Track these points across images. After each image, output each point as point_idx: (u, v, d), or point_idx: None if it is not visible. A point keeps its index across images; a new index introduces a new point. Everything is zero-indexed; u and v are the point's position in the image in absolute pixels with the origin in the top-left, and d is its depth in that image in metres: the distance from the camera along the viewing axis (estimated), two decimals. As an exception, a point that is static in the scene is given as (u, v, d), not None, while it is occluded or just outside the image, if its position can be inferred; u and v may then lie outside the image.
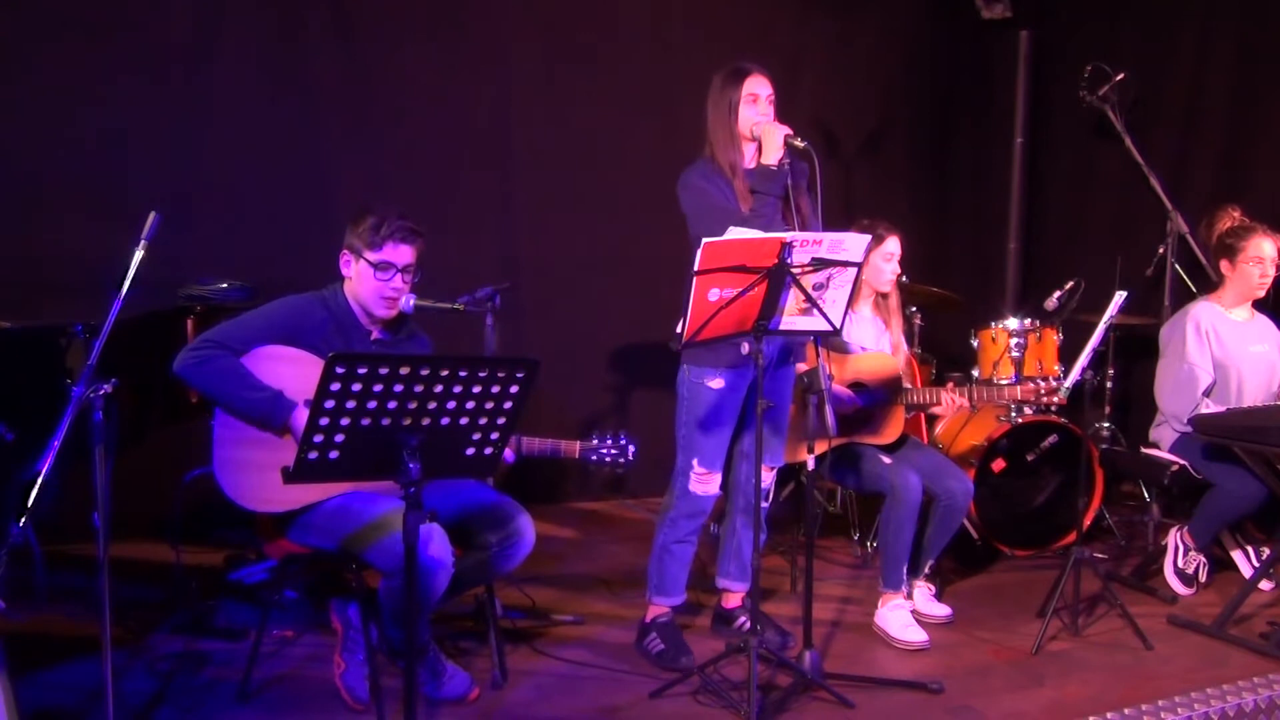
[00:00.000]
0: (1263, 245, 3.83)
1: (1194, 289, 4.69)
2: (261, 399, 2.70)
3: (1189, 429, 3.76)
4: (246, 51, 4.45)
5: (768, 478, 3.37)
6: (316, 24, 4.58)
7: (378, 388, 2.03)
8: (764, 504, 3.35)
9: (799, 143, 3.06)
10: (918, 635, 3.43)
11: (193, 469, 3.31)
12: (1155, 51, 5.35)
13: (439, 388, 2.08)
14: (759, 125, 3.12)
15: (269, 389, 2.71)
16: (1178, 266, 4.87)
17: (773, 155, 3.09)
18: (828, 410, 2.98)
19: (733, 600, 3.52)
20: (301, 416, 2.68)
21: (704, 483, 3.24)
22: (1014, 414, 4.23)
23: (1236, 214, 3.96)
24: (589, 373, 5.10)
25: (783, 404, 3.34)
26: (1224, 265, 3.92)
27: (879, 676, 3.17)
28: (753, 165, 3.16)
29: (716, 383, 3.19)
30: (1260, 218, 3.94)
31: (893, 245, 3.68)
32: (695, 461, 3.22)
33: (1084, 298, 3.83)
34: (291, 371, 2.76)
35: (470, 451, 2.23)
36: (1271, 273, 3.86)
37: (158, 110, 4.30)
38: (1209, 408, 3.77)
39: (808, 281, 2.82)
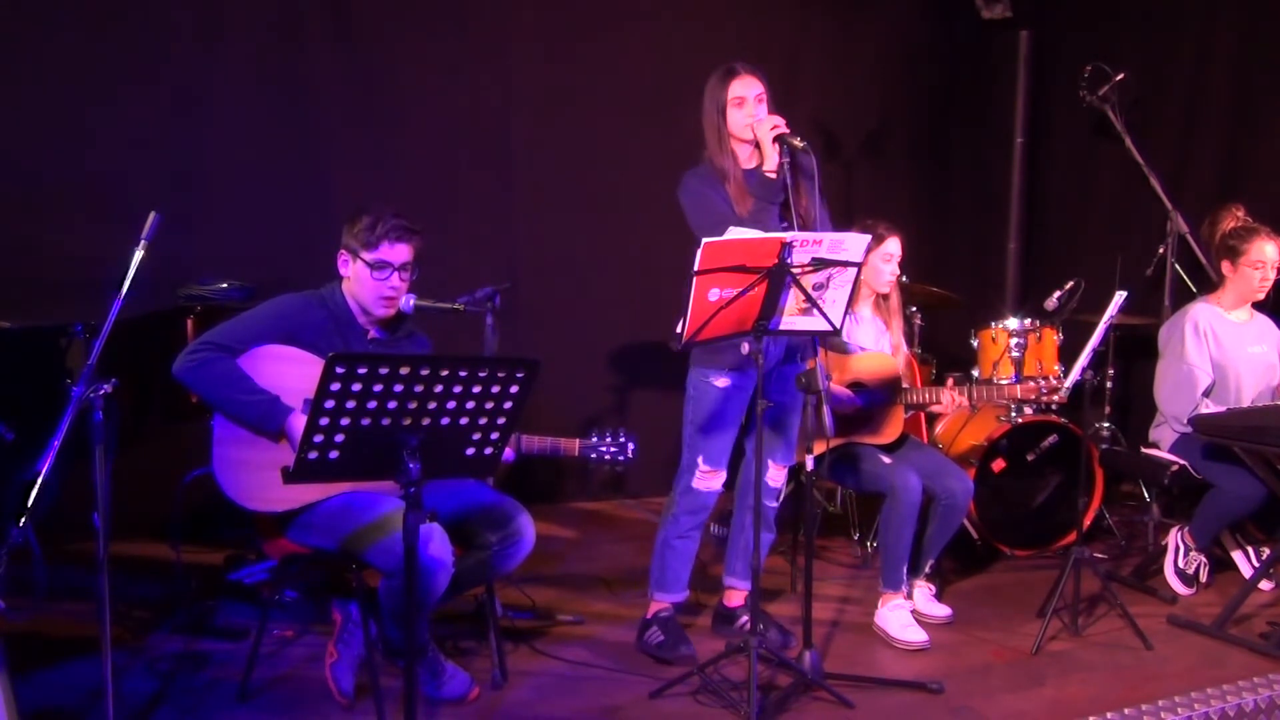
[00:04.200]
0: (1265, 248, 3.82)
1: (1194, 289, 4.69)
2: (257, 403, 2.69)
3: (1189, 429, 3.76)
4: (246, 52, 4.45)
5: (780, 476, 3.38)
6: (316, 24, 4.58)
7: (378, 388, 2.03)
8: (775, 504, 3.36)
9: (796, 141, 3.03)
10: (918, 635, 3.43)
11: (193, 469, 3.31)
12: (1155, 51, 5.35)
13: (439, 388, 2.08)
14: (754, 126, 3.10)
15: (265, 393, 2.70)
16: (1178, 266, 4.86)
17: (770, 160, 3.07)
18: (825, 410, 2.97)
19: (735, 599, 3.52)
20: (297, 422, 2.68)
21: (708, 480, 3.24)
22: (1014, 414, 4.23)
23: (1240, 213, 3.95)
24: (589, 373, 5.10)
25: (791, 403, 3.32)
26: (1225, 266, 3.92)
27: (879, 676, 3.17)
28: (751, 166, 3.15)
29: (722, 381, 3.19)
30: (1260, 218, 3.94)
31: (893, 246, 3.67)
32: (700, 459, 3.23)
33: (1084, 298, 3.83)
34: (291, 371, 2.75)
35: (470, 451, 2.22)
36: (1272, 276, 3.85)
37: (158, 110, 4.30)
38: (1208, 408, 3.77)
39: (808, 281, 2.82)
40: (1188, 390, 3.81)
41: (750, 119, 3.11)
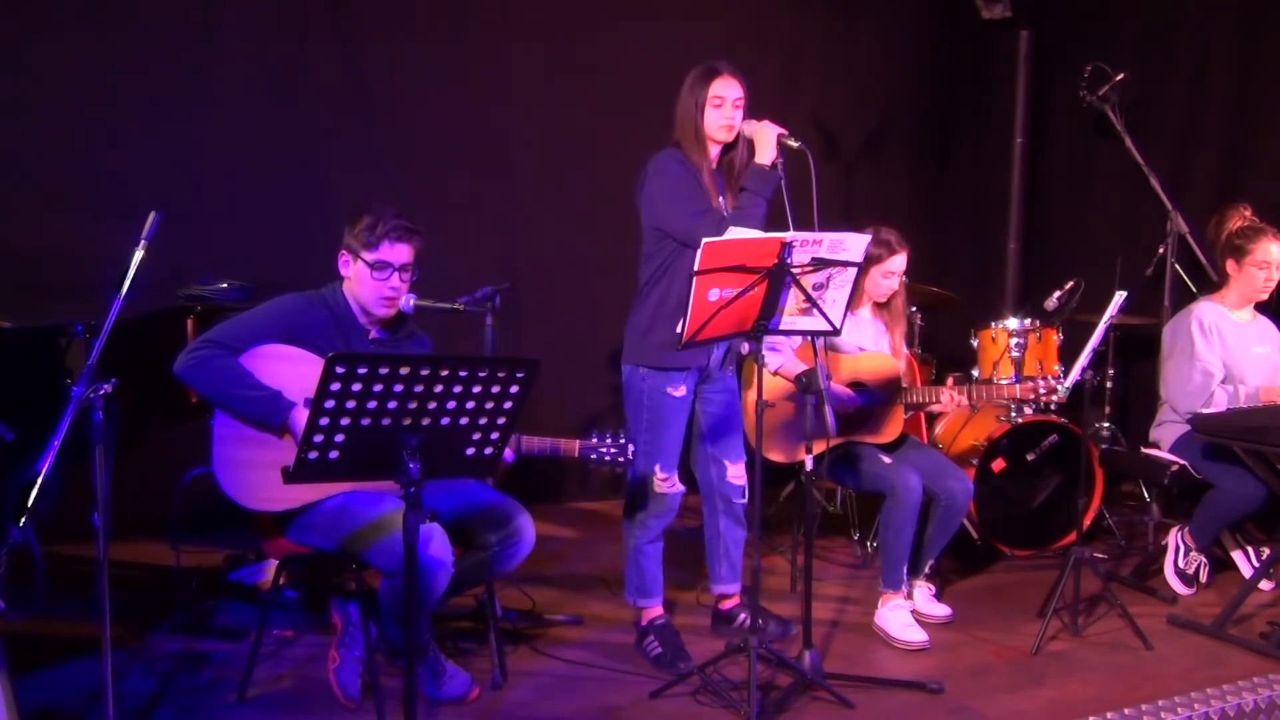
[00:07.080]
0: (1271, 249, 3.82)
1: (1194, 289, 4.69)
2: (260, 398, 2.70)
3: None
4: (246, 51, 4.45)
5: (742, 474, 3.39)
6: (316, 24, 4.58)
7: (378, 388, 2.03)
8: (742, 500, 3.37)
9: (793, 143, 3.04)
10: (918, 635, 3.43)
11: (193, 469, 3.31)
12: (1155, 51, 5.34)
13: (439, 388, 2.08)
14: (751, 126, 3.11)
15: (267, 389, 2.71)
16: (1178, 266, 4.86)
17: (766, 155, 3.07)
18: (827, 410, 2.97)
19: (730, 601, 3.52)
20: (300, 416, 2.68)
21: (668, 484, 3.25)
22: (1014, 414, 4.22)
23: (1247, 213, 3.94)
24: (589, 373, 5.10)
25: (733, 400, 3.38)
26: (1230, 265, 3.92)
27: (879, 676, 3.17)
28: (716, 167, 3.17)
29: (680, 391, 3.20)
30: (1260, 217, 3.94)
31: (895, 264, 3.59)
32: (658, 467, 3.23)
33: (1084, 298, 3.82)
34: (292, 371, 2.75)
35: (470, 451, 2.22)
36: (1277, 276, 3.85)
37: (158, 110, 4.30)
38: (1221, 401, 3.77)
39: (807, 281, 2.82)
40: (1201, 384, 3.81)
41: (728, 120, 3.11)
